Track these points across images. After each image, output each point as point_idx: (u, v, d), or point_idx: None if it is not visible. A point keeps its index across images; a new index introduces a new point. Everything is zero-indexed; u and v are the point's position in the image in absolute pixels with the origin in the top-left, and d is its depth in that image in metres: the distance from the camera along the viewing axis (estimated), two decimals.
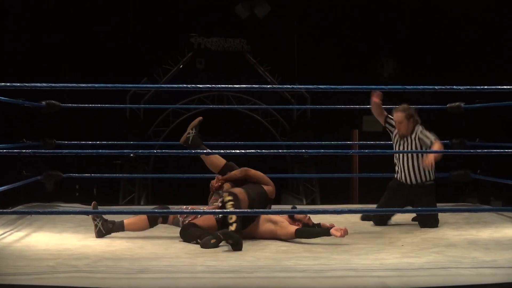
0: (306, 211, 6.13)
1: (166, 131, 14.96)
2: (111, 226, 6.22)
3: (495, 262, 5.14)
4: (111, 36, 14.57)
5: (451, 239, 6.19)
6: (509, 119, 11.61)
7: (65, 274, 4.63)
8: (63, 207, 8.35)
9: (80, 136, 9.32)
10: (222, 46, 15.09)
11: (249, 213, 5.98)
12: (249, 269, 4.93)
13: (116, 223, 6.25)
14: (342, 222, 7.00)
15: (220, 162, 6.64)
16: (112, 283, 4.48)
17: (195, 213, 6.20)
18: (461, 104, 8.20)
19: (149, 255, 5.45)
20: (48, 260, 5.11)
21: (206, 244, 5.73)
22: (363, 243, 6.04)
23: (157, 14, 14.86)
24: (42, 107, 8.01)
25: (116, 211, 7.54)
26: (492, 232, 6.56)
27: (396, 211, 7.08)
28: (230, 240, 5.68)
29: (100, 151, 5.98)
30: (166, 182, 13.55)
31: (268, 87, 6.98)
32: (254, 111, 15.06)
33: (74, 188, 13.77)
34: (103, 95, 8.36)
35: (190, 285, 4.45)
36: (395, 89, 5.58)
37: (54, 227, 6.71)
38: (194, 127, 6.69)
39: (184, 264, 5.08)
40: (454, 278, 4.63)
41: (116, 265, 5.01)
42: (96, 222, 6.20)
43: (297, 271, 4.84)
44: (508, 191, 9.91)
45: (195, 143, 6.67)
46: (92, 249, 5.65)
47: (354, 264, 5.11)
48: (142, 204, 13.71)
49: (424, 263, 5.08)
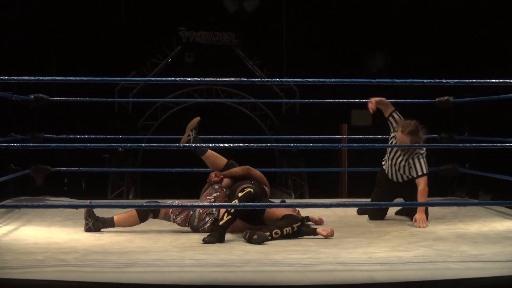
0: (295, 205, 6.12)
1: (155, 125, 14.92)
2: (101, 225, 6.22)
3: (483, 256, 5.15)
4: (100, 30, 14.52)
5: (440, 233, 6.21)
6: (497, 113, 11.65)
7: (54, 268, 4.62)
8: (52, 201, 8.33)
9: (68, 129, 9.30)
10: (211, 40, 15.05)
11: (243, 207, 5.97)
12: (238, 263, 4.93)
13: (107, 220, 6.24)
14: (331, 216, 7.02)
15: (222, 162, 6.61)
16: (100, 277, 4.47)
17: (184, 206, 6.20)
18: (450, 98, 8.22)
19: (137, 249, 5.45)
20: (36, 254, 5.11)
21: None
22: (351, 237, 6.04)
23: (146, 7, 14.82)
24: (30, 101, 7.99)
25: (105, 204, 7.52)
26: (480, 226, 6.58)
27: (387, 204, 7.06)
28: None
29: (89, 145, 5.96)
30: (155, 176, 13.52)
31: (257, 80, 6.96)
32: (242, 105, 15.04)
33: (62, 182, 13.74)
34: (91, 89, 8.35)
35: (179, 279, 4.44)
36: (384, 83, 5.58)
37: (43, 221, 6.70)
38: (194, 129, 6.66)
39: (172, 258, 5.08)
40: (442, 272, 4.64)
41: (104, 259, 5.00)
42: (88, 221, 6.20)
43: (286, 265, 4.84)
44: (496, 185, 9.94)
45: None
46: (81, 243, 5.64)
47: (342, 258, 5.11)
48: (130, 198, 13.68)
49: (412, 257, 5.09)
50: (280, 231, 5.84)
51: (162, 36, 14.89)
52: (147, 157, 14.38)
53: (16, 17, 13.87)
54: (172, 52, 14.97)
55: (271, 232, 5.81)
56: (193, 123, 6.69)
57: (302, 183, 14.59)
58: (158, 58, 14.93)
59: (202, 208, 6.20)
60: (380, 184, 7.17)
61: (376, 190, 7.21)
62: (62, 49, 14.47)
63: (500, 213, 7.25)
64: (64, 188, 13.46)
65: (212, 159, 6.62)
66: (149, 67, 14.87)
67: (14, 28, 13.79)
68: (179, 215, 6.20)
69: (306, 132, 9.87)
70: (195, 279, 4.44)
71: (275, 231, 5.83)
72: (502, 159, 9.35)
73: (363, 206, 7.25)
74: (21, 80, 5.18)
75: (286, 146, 6.42)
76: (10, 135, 7.90)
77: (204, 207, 6.19)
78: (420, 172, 6.84)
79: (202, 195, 6.45)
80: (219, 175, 6.49)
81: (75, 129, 9.65)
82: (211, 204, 6.25)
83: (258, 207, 6.00)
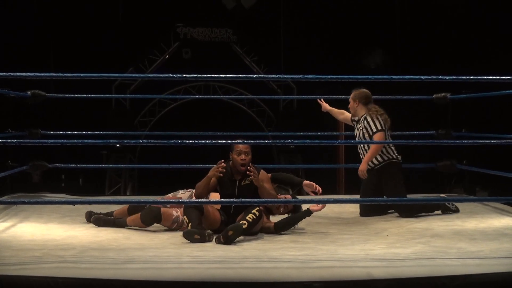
0: (292, 201, 6.12)
1: (153, 121, 14.93)
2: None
3: (480, 252, 5.16)
4: (97, 26, 14.51)
5: (437, 230, 6.21)
6: (495, 109, 11.65)
7: (51, 265, 4.61)
8: (49, 197, 8.32)
9: (65, 126, 9.28)
10: (208, 36, 15.06)
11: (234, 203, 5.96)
12: (236, 259, 4.93)
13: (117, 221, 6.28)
14: (328, 213, 7.03)
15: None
16: (98, 273, 4.47)
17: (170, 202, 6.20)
18: (447, 95, 8.22)
19: (135, 245, 5.44)
20: (34, 251, 5.10)
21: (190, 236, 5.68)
22: (349, 234, 6.05)
23: (143, 4, 14.81)
24: (28, 97, 7.98)
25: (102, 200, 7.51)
26: (477, 222, 6.58)
27: (387, 200, 7.03)
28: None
29: (86, 141, 5.96)
30: (152, 172, 13.52)
31: (255, 77, 6.97)
32: (240, 101, 15.04)
33: (60, 178, 13.74)
34: (89, 85, 8.35)
35: (176, 276, 4.44)
36: (382, 79, 5.58)
37: (40, 218, 6.69)
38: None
39: (170, 255, 5.07)
40: (440, 268, 4.64)
41: (102, 255, 5.00)
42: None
43: (283, 262, 4.84)
44: (493, 182, 9.94)
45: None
46: (78, 240, 5.64)
47: (340, 254, 5.11)
48: (128, 195, 13.68)
49: (410, 254, 5.09)
50: (245, 221, 5.76)
51: (160, 33, 14.90)
52: (145, 153, 14.38)
53: (15, 14, 13.86)
54: (169, 48, 14.97)
55: (240, 223, 5.76)
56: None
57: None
58: (155, 55, 14.94)
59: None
60: (363, 182, 7.20)
61: (362, 189, 7.26)
62: (60, 46, 14.47)
63: (498, 210, 7.25)
64: (61, 185, 13.45)
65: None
66: (147, 64, 14.88)
67: (13, 25, 13.77)
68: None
69: (304, 129, 9.86)
70: (193, 276, 4.44)
71: (241, 222, 5.75)
72: (499, 156, 9.35)
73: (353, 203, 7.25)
74: (18, 76, 5.17)
75: (283, 143, 6.44)
76: (8, 132, 7.88)
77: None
78: (374, 129, 6.92)
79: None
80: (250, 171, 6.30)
81: (72, 126, 9.65)
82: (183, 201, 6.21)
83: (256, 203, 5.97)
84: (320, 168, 11.43)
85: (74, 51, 14.33)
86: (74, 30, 14.41)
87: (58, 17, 14.31)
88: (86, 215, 6.52)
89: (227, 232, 5.58)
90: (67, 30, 14.41)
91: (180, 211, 6.13)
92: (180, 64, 14.71)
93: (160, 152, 13.08)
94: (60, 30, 14.39)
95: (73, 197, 8.13)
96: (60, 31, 14.39)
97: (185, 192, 6.43)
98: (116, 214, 6.42)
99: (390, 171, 6.99)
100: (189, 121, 14.31)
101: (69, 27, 14.40)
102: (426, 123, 7.09)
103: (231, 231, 5.58)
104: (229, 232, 5.57)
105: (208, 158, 7.00)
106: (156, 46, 14.94)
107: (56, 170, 8.89)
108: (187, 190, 6.44)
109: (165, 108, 14.94)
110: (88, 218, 6.48)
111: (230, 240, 5.55)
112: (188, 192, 6.41)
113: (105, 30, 14.58)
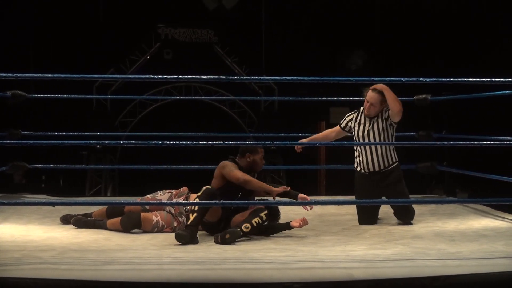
0: (273, 203, 6.11)
1: (133, 122, 14.89)
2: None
3: (460, 253, 5.18)
4: (77, 27, 14.46)
5: (417, 231, 6.23)
6: (475, 111, 11.70)
7: (31, 266, 4.60)
8: (29, 198, 8.29)
9: (46, 126, 9.25)
10: (190, 37, 15.03)
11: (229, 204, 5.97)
12: (217, 260, 4.93)
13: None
14: (309, 214, 7.01)
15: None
16: (78, 274, 4.45)
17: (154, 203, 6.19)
18: (427, 96, 8.23)
19: (115, 246, 5.43)
20: (13, 252, 5.08)
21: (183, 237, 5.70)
22: (329, 235, 6.06)
23: (124, 4, 14.77)
24: (8, 98, 7.94)
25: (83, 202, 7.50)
26: (457, 224, 6.61)
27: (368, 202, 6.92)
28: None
29: (66, 142, 5.93)
30: (133, 173, 13.48)
31: (236, 78, 6.97)
32: (221, 102, 15.01)
33: (40, 179, 13.68)
34: (69, 86, 8.31)
35: (157, 277, 4.44)
36: (363, 81, 5.60)
37: (20, 219, 6.66)
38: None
39: (150, 256, 5.07)
40: (420, 269, 4.66)
41: (82, 256, 4.99)
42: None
43: (264, 263, 4.84)
44: (473, 183, 9.98)
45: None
46: (58, 241, 5.62)
47: (321, 255, 5.12)
48: (108, 195, 13.64)
49: (390, 255, 5.11)
50: (249, 224, 5.84)
51: (141, 33, 14.86)
52: (126, 154, 14.34)
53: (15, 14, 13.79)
54: (150, 49, 14.93)
55: (241, 227, 5.80)
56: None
57: (281, 180, 14.60)
58: (136, 55, 14.89)
59: (174, 209, 6.21)
60: (359, 188, 6.92)
61: (358, 197, 6.92)
62: (40, 46, 14.39)
63: (477, 211, 7.28)
64: (42, 186, 13.40)
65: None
66: (128, 64, 14.83)
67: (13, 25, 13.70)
68: (171, 223, 6.18)
69: (285, 130, 9.85)
70: (173, 277, 4.44)
71: (245, 225, 5.81)
72: (479, 157, 9.38)
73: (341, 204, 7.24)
74: None
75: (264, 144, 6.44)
76: None
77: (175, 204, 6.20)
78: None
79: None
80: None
81: (53, 126, 9.60)
82: (182, 202, 6.24)
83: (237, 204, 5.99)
84: (301, 169, 11.42)
85: (54, 51, 14.27)
86: (54, 30, 14.34)
87: (38, 17, 14.24)
88: (61, 219, 6.50)
89: (225, 234, 5.68)
90: (47, 30, 14.34)
91: (160, 215, 6.14)
92: (161, 65, 14.68)
93: (141, 153, 13.05)
94: (40, 31, 14.32)
95: (54, 198, 8.09)
96: (40, 31, 14.32)
97: (165, 193, 6.41)
98: (95, 215, 6.40)
99: (396, 174, 6.81)
100: (170, 122, 14.27)
101: (49, 27, 14.33)
102: (407, 125, 7.09)
103: (228, 235, 5.68)
104: (226, 235, 5.67)
105: (188, 159, 7.00)
106: (137, 46, 14.90)
107: (36, 170, 8.84)
108: (167, 192, 6.43)
109: (146, 109, 14.90)
110: (63, 221, 6.46)
111: (226, 243, 5.64)
112: (168, 194, 6.39)
113: (86, 30, 14.52)
